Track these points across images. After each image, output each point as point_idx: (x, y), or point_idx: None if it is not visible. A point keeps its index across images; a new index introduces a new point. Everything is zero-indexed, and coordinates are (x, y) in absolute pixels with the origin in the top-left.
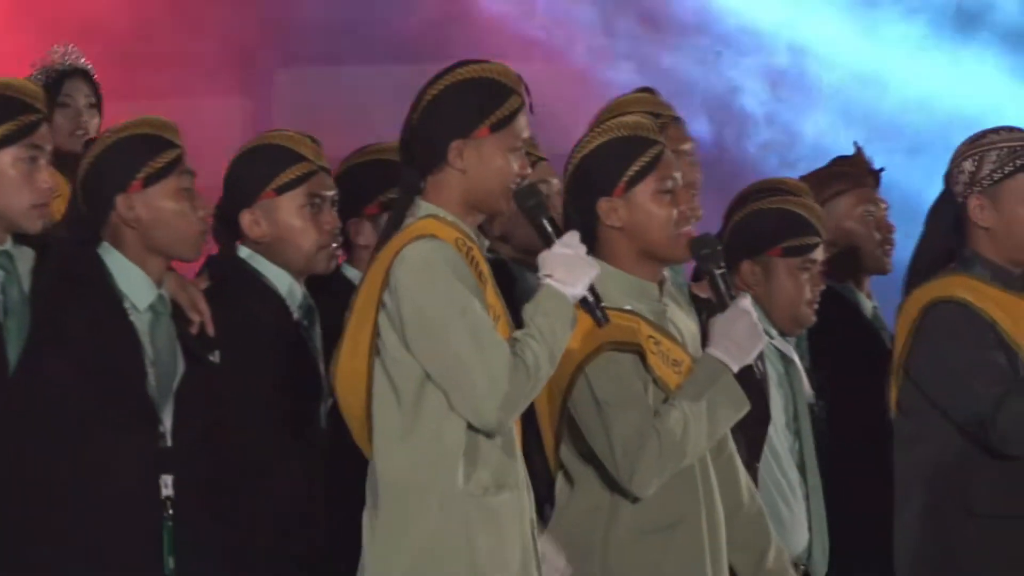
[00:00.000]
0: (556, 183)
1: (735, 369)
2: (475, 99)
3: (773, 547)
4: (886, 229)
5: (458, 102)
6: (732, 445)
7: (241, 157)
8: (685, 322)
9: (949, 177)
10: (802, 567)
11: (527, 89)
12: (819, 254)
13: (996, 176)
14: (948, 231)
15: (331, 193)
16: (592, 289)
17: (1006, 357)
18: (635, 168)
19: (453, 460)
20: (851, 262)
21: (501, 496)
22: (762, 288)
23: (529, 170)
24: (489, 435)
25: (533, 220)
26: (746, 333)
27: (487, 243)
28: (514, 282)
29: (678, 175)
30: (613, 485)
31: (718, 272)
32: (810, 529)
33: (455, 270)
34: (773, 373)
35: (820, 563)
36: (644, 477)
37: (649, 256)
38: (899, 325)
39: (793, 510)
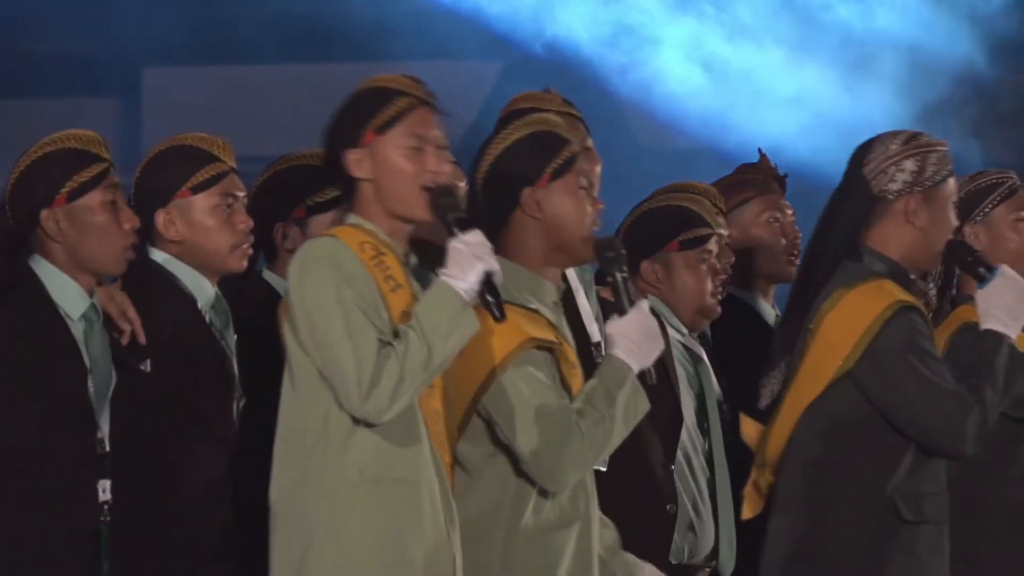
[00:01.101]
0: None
1: (636, 371)
2: (361, 106)
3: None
4: (792, 236)
5: (346, 112)
6: None
7: (154, 158)
8: (567, 328)
9: (867, 172)
10: (708, 569)
11: (430, 90)
12: (714, 245)
13: (937, 178)
14: (856, 227)
15: (242, 194)
16: (491, 285)
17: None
18: (560, 160)
19: (336, 451)
20: (757, 269)
21: (381, 488)
22: (665, 285)
23: (447, 167)
24: (369, 425)
25: (441, 218)
26: (648, 336)
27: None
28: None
29: (592, 176)
30: (515, 482)
31: (620, 276)
32: (717, 527)
33: (338, 265)
34: (682, 373)
35: (728, 560)
36: (565, 474)
37: (560, 252)
38: (834, 323)
39: (701, 513)
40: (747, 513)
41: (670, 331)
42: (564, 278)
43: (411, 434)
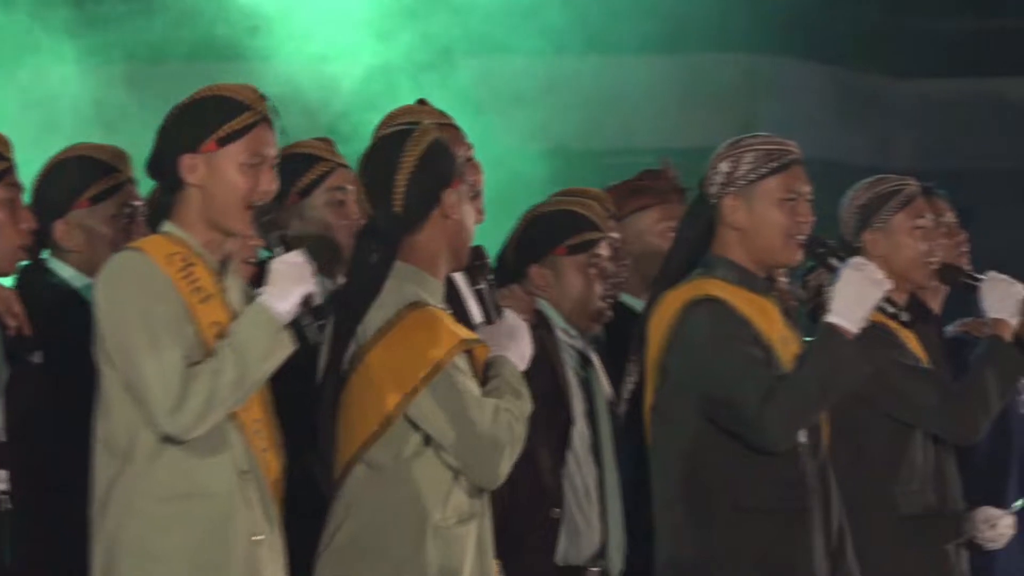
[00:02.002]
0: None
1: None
2: (204, 115)
3: None
4: None
5: (189, 119)
6: None
7: (52, 169)
8: None
9: (704, 180)
10: (596, 569)
11: (273, 106)
12: (603, 249)
13: (751, 177)
14: (700, 236)
15: (140, 203)
16: (311, 307)
17: (763, 354)
18: (459, 167)
19: (144, 467)
20: (649, 276)
21: (190, 503)
22: (554, 289)
23: (274, 186)
24: (176, 441)
25: (265, 236)
26: (518, 341)
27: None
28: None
29: (477, 185)
30: (427, 482)
31: (487, 284)
32: (606, 529)
33: (141, 281)
34: (572, 376)
35: (615, 561)
36: (502, 469)
37: (450, 260)
38: (652, 327)
39: (587, 514)
40: None
41: (559, 334)
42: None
43: (220, 447)
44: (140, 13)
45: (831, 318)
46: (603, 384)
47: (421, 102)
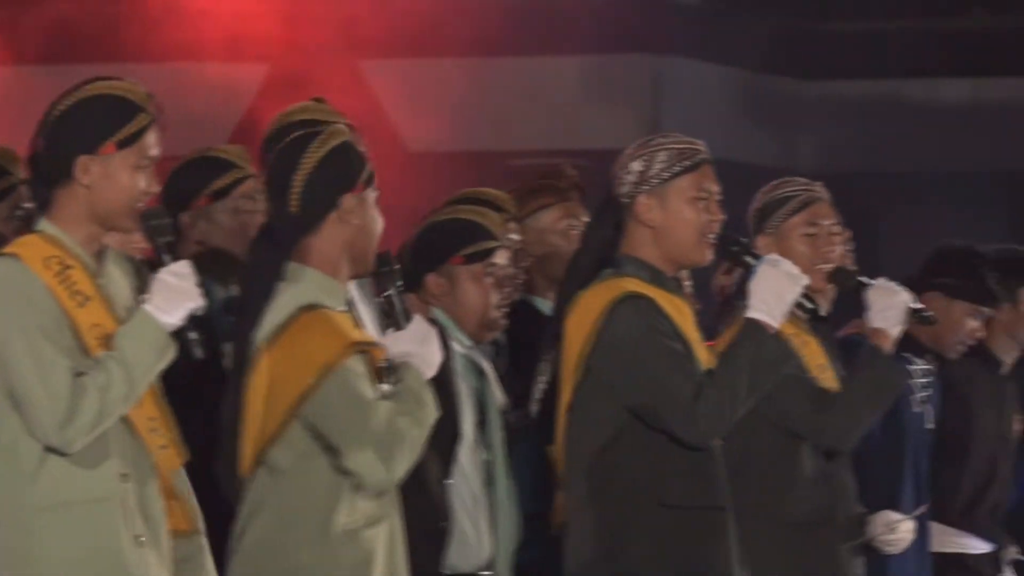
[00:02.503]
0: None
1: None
2: (103, 115)
3: None
4: None
5: (86, 118)
6: None
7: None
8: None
9: (614, 180)
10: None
11: (158, 107)
12: (500, 258)
13: (665, 175)
14: (609, 236)
15: (30, 206)
16: (195, 320)
17: (686, 351)
18: (368, 172)
19: (26, 476)
20: (553, 275)
21: (74, 511)
22: (449, 298)
23: (156, 188)
24: (62, 453)
25: (151, 242)
26: (427, 347)
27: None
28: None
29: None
30: (327, 483)
31: (396, 291)
32: (495, 539)
33: (17, 290)
34: (464, 386)
35: (504, 572)
36: (399, 468)
37: (352, 264)
38: (571, 327)
39: (477, 526)
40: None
41: (454, 344)
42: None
43: (102, 452)
44: None
45: (752, 313)
46: (496, 394)
47: (318, 100)
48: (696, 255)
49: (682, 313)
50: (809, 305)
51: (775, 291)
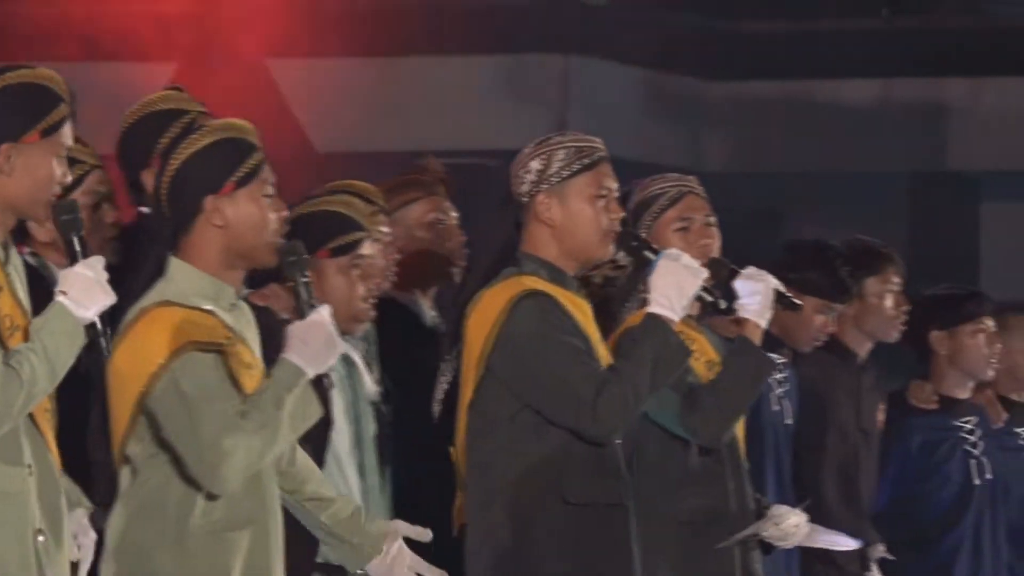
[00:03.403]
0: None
1: (311, 375)
2: (27, 104)
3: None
4: (457, 239)
5: (8, 105)
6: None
7: None
8: (249, 327)
9: (512, 179)
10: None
11: (73, 96)
12: (367, 249)
13: (564, 174)
14: (507, 234)
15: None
16: (103, 318)
17: (587, 347)
18: (245, 169)
19: None
20: (419, 270)
21: None
22: (317, 292)
23: (69, 178)
24: None
25: (63, 235)
26: (324, 341)
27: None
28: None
29: (274, 181)
30: (183, 482)
31: (303, 280)
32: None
33: None
34: (335, 376)
35: None
36: (227, 475)
37: (242, 258)
38: (472, 326)
39: None
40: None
41: None
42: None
43: (16, 445)
44: None
45: (653, 308)
46: (367, 384)
47: (177, 88)
48: (596, 252)
49: (582, 311)
50: (710, 298)
51: (676, 285)
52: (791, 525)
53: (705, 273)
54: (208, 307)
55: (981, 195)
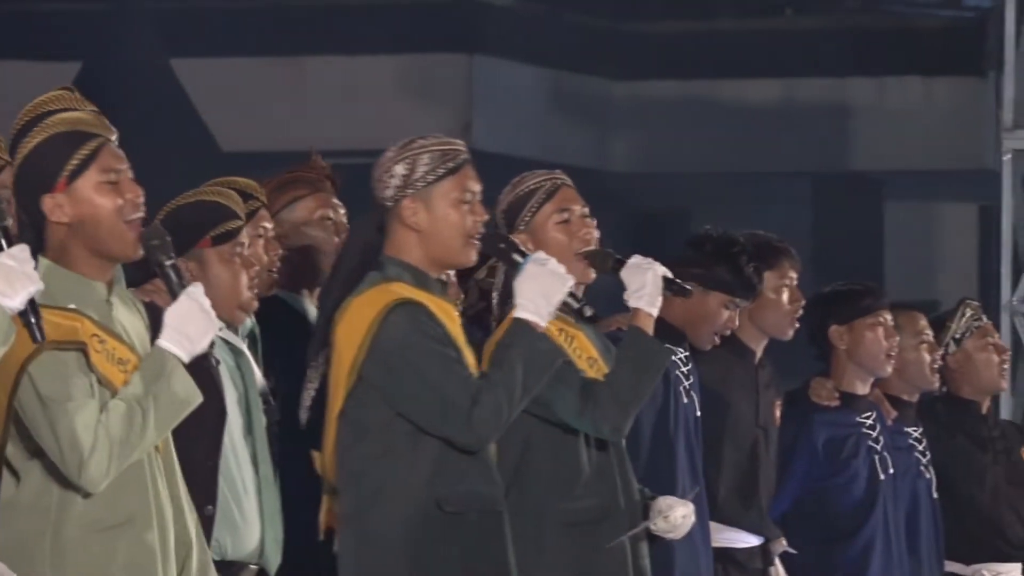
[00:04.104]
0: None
1: (186, 360)
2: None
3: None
4: (344, 235)
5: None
6: (171, 440)
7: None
8: (132, 321)
9: (377, 184)
10: (254, 565)
11: None
12: (246, 237)
13: (430, 179)
14: (372, 238)
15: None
16: (33, 304)
17: (458, 355)
18: (75, 162)
19: None
20: (307, 268)
21: None
22: (200, 282)
23: None
24: None
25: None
26: (197, 323)
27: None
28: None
29: (122, 166)
30: (62, 482)
31: (168, 263)
32: (262, 523)
33: None
34: (224, 367)
35: (273, 557)
36: (92, 473)
37: (99, 251)
38: (342, 334)
39: (244, 508)
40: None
41: None
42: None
43: None
44: None
45: (520, 313)
46: (257, 376)
47: (68, 88)
48: (461, 257)
49: (450, 316)
50: (575, 305)
51: (542, 290)
52: (679, 516)
53: (571, 280)
54: (72, 306)
55: (884, 194)
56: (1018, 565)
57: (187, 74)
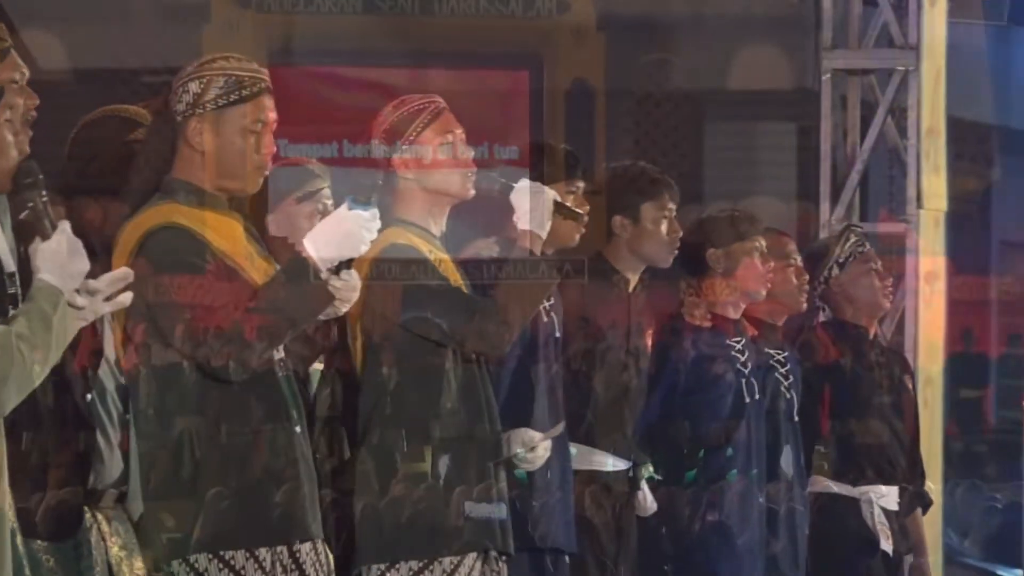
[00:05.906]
0: None
1: (66, 294)
2: None
3: None
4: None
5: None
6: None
7: None
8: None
9: (171, 97)
10: (116, 491)
11: None
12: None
13: (220, 103)
14: (165, 154)
15: None
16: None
17: (227, 274)
18: None
19: None
20: None
21: None
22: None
23: None
24: None
25: None
26: (70, 257)
27: None
28: None
29: (19, 107)
30: None
31: (41, 200)
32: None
33: None
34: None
35: (137, 490)
36: (10, 397)
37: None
38: (115, 257)
39: (111, 440)
40: None
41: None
42: None
43: None
44: None
45: (304, 251)
46: None
47: None
48: (241, 184)
49: (232, 233)
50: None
51: (336, 239)
52: (544, 449)
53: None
54: None
55: (703, 113)
56: (896, 488)
57: None
